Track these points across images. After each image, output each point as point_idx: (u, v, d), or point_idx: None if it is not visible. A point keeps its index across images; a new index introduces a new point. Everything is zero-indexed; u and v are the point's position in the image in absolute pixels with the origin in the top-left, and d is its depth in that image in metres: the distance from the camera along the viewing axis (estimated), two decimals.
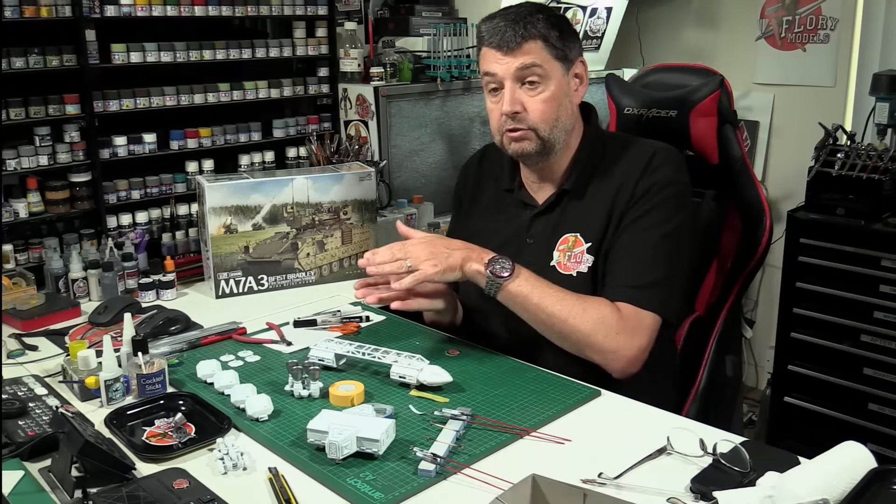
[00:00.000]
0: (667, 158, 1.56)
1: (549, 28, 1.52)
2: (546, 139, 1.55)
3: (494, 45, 1.52)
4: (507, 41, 1.51)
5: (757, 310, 3.06)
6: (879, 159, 2.23)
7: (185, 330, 1.75)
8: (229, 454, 1.22)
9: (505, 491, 1.08)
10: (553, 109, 1.54)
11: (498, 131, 1.59)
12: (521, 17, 1.52)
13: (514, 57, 1.51)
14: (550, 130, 1.55)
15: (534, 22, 1.52)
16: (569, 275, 1.56)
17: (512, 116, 1.54)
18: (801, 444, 1.84)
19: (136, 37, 2.19)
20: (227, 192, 1.96)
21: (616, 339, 1.47)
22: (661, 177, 1.53)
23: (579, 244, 1.57)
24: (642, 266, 1.51)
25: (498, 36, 1.52)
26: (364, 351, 1.52)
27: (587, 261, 1.56)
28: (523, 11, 1.53)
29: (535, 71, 1.52)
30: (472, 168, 1.83)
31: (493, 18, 1.55)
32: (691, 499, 1.12)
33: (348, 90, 2.62)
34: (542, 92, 1.53)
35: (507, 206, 1.70)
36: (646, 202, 1.53)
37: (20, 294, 1.90)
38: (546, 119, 1.54)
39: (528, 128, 1.54)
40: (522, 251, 1.62)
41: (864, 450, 1.09)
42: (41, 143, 2.04)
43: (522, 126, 1.54)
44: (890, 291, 2.18)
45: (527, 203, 1.67)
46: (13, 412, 1.36)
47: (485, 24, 1.56)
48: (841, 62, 2.80)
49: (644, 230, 1.52)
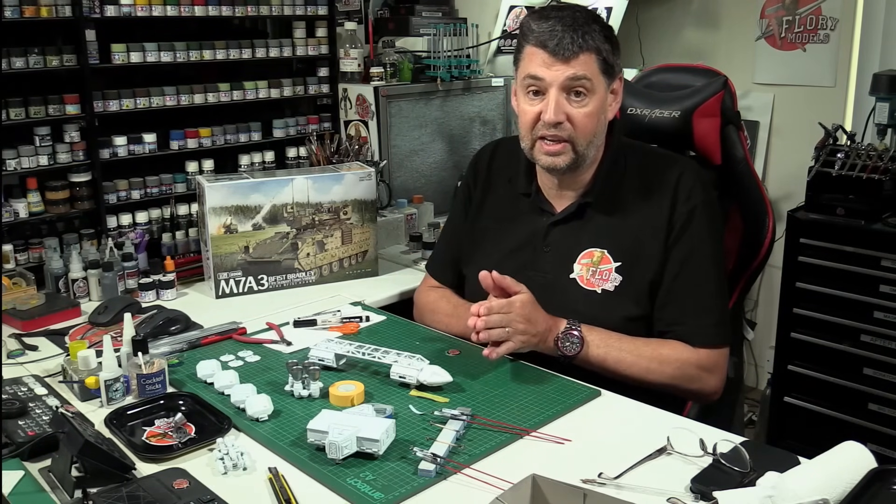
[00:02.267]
0: (696, 177, 1.56)
1: (603, 41, 1.47)
2: (581, 153, 1.52)
3: (549, 50, 1.45)
4: (563, 48, 1.44)
5: (757, 310, 3.06)
6: (879, 159, 2.23)
7: (185, 330, 1.75)
8: (229, 454, 1.22)
9: (505, 491, 1.08)
10: (594, 124, 1.51)
11: (529, 135, 1.53)
12: (580, 25, 1.46)
13: (567, 65, 1.45)
14: (587, 145, 1.51)
15: (591, 32, 1.46)
16: (592, 290, 1.55)
17: (555, 125, 1.48)
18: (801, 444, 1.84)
19: (136, 37, 2.19)
20: (227, 192, 1.96)
21: (699, 382, 1.52)
22: (698, 200, 1.53)
23: (606, 261, 1.55)
24: (709, 304, 1.53)
25: (555, 40, 1.45)
26: (364, 351, 1.52)
27: (614, 280, 1.54)
28: (580, 18, 1.47)
29: (584, 84, 1.47)
30: (482, 166, 1.76)
31: (548, 19, 1.47)
32: (691, 499, 1.12)
33: (348, 90, 2.62)
34: (586, 105, 1.48)
35: (522, 209, 1.66)
36: (692, 232, 1.52)
37: (20, 294, 1.90)
38: (586, 133, 1.50)
39: (567, 139, 1.50)
40: (538, 258, 1.60)
41: (864, 450, 1.09)
42: (41, 143, 2.04)
43: (563, 135, 1.49)
44: (890, 291, 2.18)
45: (544, 209, 1.63)
46: (13, 412, 1.36)
47: (537, 23, 1.48)
48: (841, 62, 2.80)
49: (699, 266, 1.52)
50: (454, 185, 2.79)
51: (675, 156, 1.65)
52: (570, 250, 1.58)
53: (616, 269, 1.54)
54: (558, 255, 1.59)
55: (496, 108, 2.88)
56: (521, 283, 1.51)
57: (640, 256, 1.54)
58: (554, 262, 1.59)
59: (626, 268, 1.54)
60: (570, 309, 1.53)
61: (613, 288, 1.54)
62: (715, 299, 1.54)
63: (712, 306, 1.53)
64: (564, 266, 1.58)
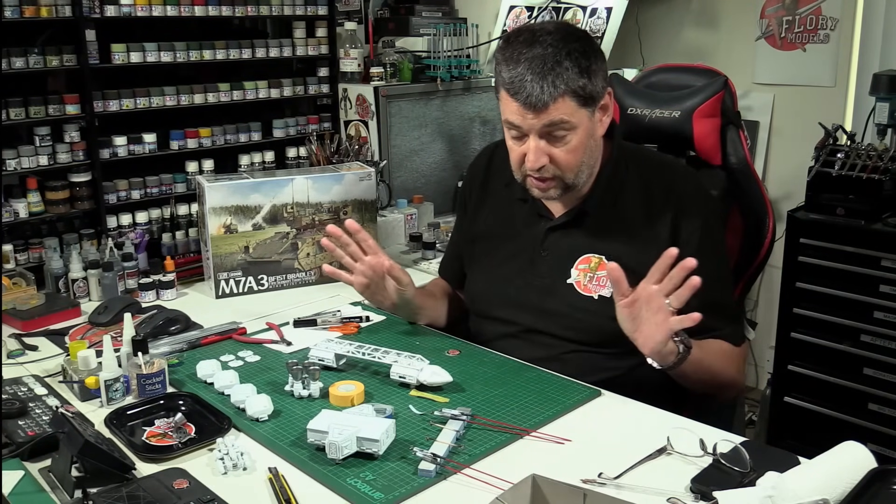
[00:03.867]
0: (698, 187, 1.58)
1: (577, 76, 1.40)
2: (570, 184, 1.51)
3: (521, 101, 1.41)
4: (533, 101, 1.40)
5: (757, 310, 3.06)
6: (879, 159, 2.23)
7: (185, 330, 1.75)
8: (229, 454, 1.22)
9: (505, 491, 1.08)
10: (579, 157, 1.48)
11: (518, 171, 1.52)
12: (550, 69, 1.39)
13: (540, 116, 1.41)
14: (575, 176, 1.50)
15: (562, 74, 1.39)
16: (589, 296, 1.54)
17: (538, 169, 1.47)
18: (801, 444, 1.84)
19: (136, 37, 2.19)
20: (227, 192, 1.96)
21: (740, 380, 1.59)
22: (707, 211, 1.55)
23: (604, 267, 1.54)
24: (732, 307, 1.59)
25: (524, 94, 1.40)
26: (364, 351, 1.52)
27: (611, 286, 1.53)
28: (550, 60, 1.40)
29: (563, 126, 1.44)
30: (480, 169, 1.77)
31: (518, 63, 1.41)
32: (691, 499, 1.12)
33: (348, 90, 2.62)
34: (567, 143, 1.46)
35: (520, 213, 1.66)
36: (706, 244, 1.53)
37: (20, 294, 1.90)
38: (571, 168, 1.49)
39: (552, 177, 1.49)
40: (536, 263, 1.60)
41: (864, 450, 1.09)
42: (41, 143, 2.04)
43: (547, 175, 1.48)
44: (890, 291, 2.18)
45: (542, 214, 1.62)
46: (13, 412, 1.36)
47: (507, 70, 1.43)
48: (841, 62, 2.80)
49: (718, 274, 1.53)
50: (454, 185, 2.80)
51: (675, 163, 1.66)
52: (568, 255, 1.58)
53: None
54: (556, 260, 1.59)
55: (496, 108, 2.85)
56: (519, 287, 1.53)
57: (640, 264, 1.53)
58: (551, 267, 1.59)
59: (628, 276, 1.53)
60: (567, 314, 1.54)
61: (610, 294, 1.53)
62: (733, 300, 1.62)
63: (734, 307, 1.61)
64: (562, 271, 1.58)
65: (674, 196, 1.54)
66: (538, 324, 1.58)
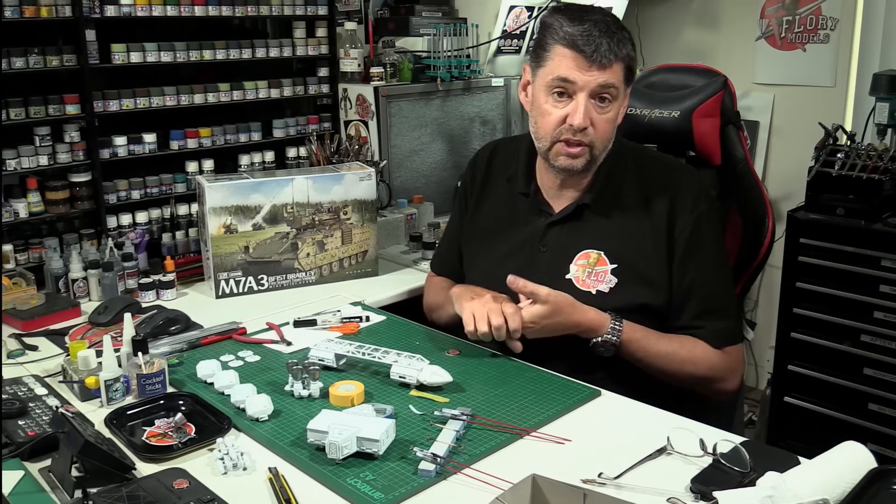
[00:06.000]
0: (697, 184, 1.58)
1: (632, 50, 1.48)
2: (596, 157, 1.53)
3: (586, 54, 1.43)
4: (601, 55, 1.43)
5: (757, 310, 3.06)
6: (879, 159, 2.23)
7: (185, 330, 1.75)
8: (229, 454, 1.22)
9: (505, 491, 1.08)
10: (612, 130, 1.52)
11: (550, 136, 1.51)
12: (614, 32, 1.45)
13: (601, 72, 1.44)
14: (603, 149, 1.53)
15: (623, 41, 1.46)
16: (587, 292, 1.55)
17: (581, 130, 1.48)
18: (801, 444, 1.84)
19: (136, 37, 2.19)
20: (227, 192, 1.96)
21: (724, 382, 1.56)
22: (704, 208, 1.55)
23: (602, 263, 1.55)
24: (726, 306, 1.57)
25: (592, 46, 1.43)
26: (364, 351, 1.52)
27: (609, 282, 1.54)
28: (612, 25, 1.46)
29: (611, 91, 1.47)
30: (481, 165, 1.77)
31: (583, 21, 1.45)
32: (691, 499, 1.12)
33: (348, 90, 2.62)
34: (608, 112, 1.49)
35: (520, 209, 1.66)
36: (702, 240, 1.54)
37: (20, 294, 1.90)
38: (605, 139, 1.52)
39: (588, 144, 1.50)
40: (535, 259, 1.61)
41: (864, 450, 1.09)
42: (41, 143, 2.04)
43: (585, 140, 1.49)
44: (890, 291, 2.18)
45: (542, 210, 1.63)
46: (13, 412, 1.36)
47: (571, 25, 1.45)
48: (841, 62, 2.80)
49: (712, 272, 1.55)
50: (454, 185, 2.79)
51: (674, 161, 1.66)
52: (566, 251, 1.59)
53: (612, 271, 1.55)
54: (555, 256, 1.59)
55: (496, 108, 2.88)
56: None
57: (638, 260, 1.54)
58: (550, 263, 1.59)
59: (622, 270, 1.54)
60: None
61: (608, 290, 1.54)
62: (730, 300, 1.60)
63: (729, 307, 1.58)
64: (561, 266, 1.58)
65: (670, 191, 1.55)
66: None
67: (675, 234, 1.54)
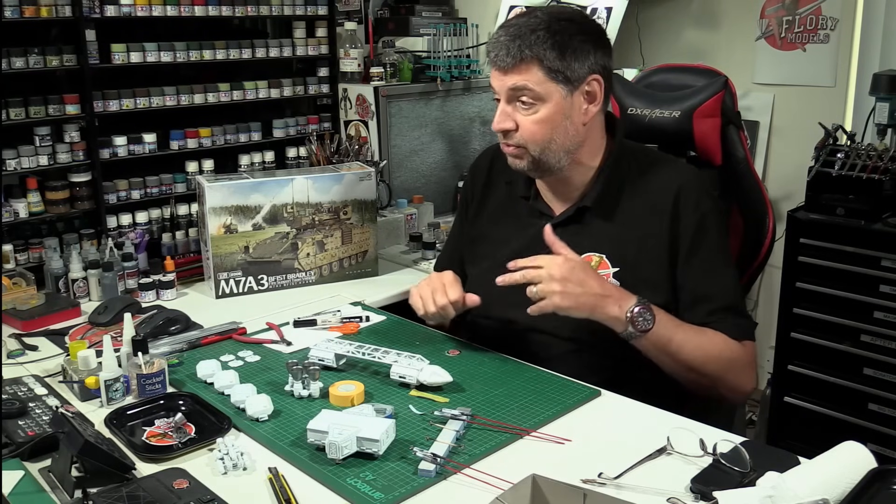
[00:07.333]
0: (699, 185, 1.57)
1: (547, 48, 1.45)
2: (537, 159, 1.53)
3: (491, 60, 1.51)
4: (501, 59, 1.48)
5: (757, 310, 3.06)
6: (879, 159, 2.23)
7: (185, 330, 1.75)
8: (229, 454, 1.22)
9: (505, 491, 1.08)
10: (545, 131, 1.50)
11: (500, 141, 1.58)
12: (521, 35, 1.46)
13: (507, 76, 1.49)
14: (541, 151, 1.52)
15: (531, 42, 1.45)
16: None
17: (503, 133, 1.53)
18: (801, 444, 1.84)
19: (136, 37, 2.19)
20: (227, 192, 1.96)
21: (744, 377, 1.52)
22: (706, 208, 1.54)
23: (604, 266, 1.55)
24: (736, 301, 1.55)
25: (494, 52, 1.49)
26: (364, 351, 1.52)
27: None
28: (525, 27, 1.47)
29: (527, 93, 1.48)
30: (482, 168, 1.78)
31: (500, 28, 1.51)
32: (691, 499, 1.12)
33: (348, 90, 2.62)
34: (534, 113, 1.49)
35: (521, 212, 1.67)
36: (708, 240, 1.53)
37: (20, 294, 1.90)
38: (535, 140, 1.51)
39: (518, 146, 1.53)
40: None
41: (864, 450, 1.09)
42: (41, 143, 2.04)
43: (512, 143, 1.53)
44: (890, 291, 2.17)
45: (543, 213, 1.63)
46: (13, 412, 1.36)
47: (495, 33, 1.53)
48: (841, 62, 2.80)
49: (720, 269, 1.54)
50: (454, 185, 2.80)
51: (675, 162, 1.66)
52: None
53: (614, 274, 1.54)
54: None
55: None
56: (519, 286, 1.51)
57: (640, 263, 1.54)
58: None
59: (624, 274, 1.54)
60: None
61: None
62: (741, 298, 1.59)
63: (741, 304, 1.57)
64: None
65: (672, 192, 1.55)
66: (538, 323, 1.58)
67: (679, 235, 1.53)
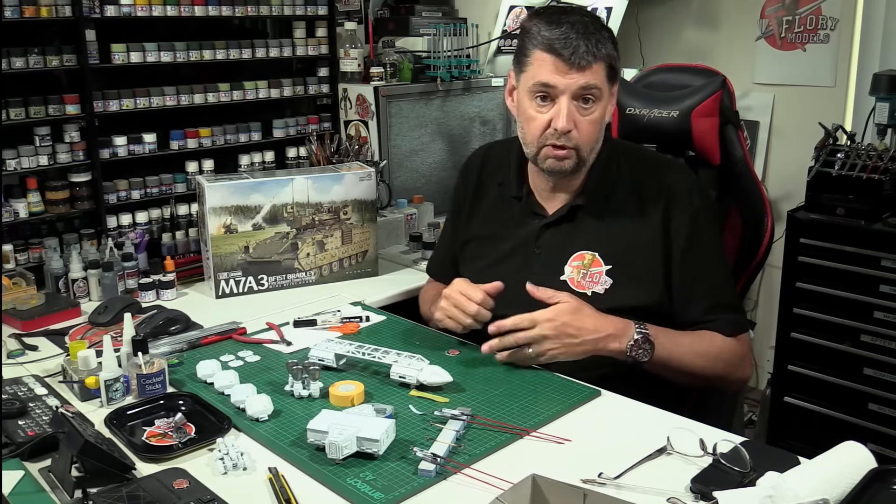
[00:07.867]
0: (690, 182, 1.58)
1: (612, 48, 1.48)
2: (583, 158, 1.53)
3: (564, 58, 1.44)
4: (579, 57, 1.43)
5: (757, 310, 3.06)
6: (879, 159, 2.23)
7: (185, 330, 1.75)
8: (229, 454, 1.22)
9: (505, 491, 1.08)
10: (598, 131, 1.52)
11: (536, 142, 1.52)
12: (592, 33, 1.45)
13: (581, 74, 1.45)
14: (590, 151, 1.53)
15: (603, 41, 1.46)
16: (582, 293, 1.55)
17: (566, 133, 1.48)
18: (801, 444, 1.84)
19: (136, 37, 2.19)
20: (227, 192, 1.96)
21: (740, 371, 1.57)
22: (698, 205, 1.55)
23: (597, 264, 1.55)
24: (730, 296, 1.58)
25: (570, 49, 1.43)
26: (364, 351, 1.52)
27: (604, 283, 1.54)
28: (590, 25, 1.46)
29: (594, 92, 1.47)
30: (473, 170, 1.78)
31: (560, 24, 1.45)
32: (691, 499, 1.12)
33: (348, 90, 2.62)
34: (592, 112, 1.49)
35: (514, 212, 1.66)
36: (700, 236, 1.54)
37: (20, 294, 1.90)
38: (591, 140, 1.51)
39: (573, 146, 1.50)
40: (530, 261, 1.61)
41: (864, 450, 1.09)
42: (41, 143, 2.04)
43: (570, 144, 1.50)
44: (890, 291, 2.18)
45: (536, 212, 1.63)
46: (13, 412, 1.36)
47: (548, 29, 1.46)
48: (841, 62, 2.80)
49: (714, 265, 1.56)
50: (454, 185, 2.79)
51: (668, 160, 1.67)
52: (561, 252, 1.59)
53: (607, 271, 1.55)
54: (550, 257, 1.59)
55: (496, 108, 2.88)
56: (513, 285, 1.52)
57: (633, 260, 1.55)
58: (545, 264, 1.59)
59: (617, 271, 1.54)
60: None
61: (603, 291, 1.55)
62: (735, 292, 1.62)
63: (732, 297, 1.60)
64: (555, 268, 1.58)
65: (664, 190, 1.55)
66: None
67: (672, 233, 1.54)
